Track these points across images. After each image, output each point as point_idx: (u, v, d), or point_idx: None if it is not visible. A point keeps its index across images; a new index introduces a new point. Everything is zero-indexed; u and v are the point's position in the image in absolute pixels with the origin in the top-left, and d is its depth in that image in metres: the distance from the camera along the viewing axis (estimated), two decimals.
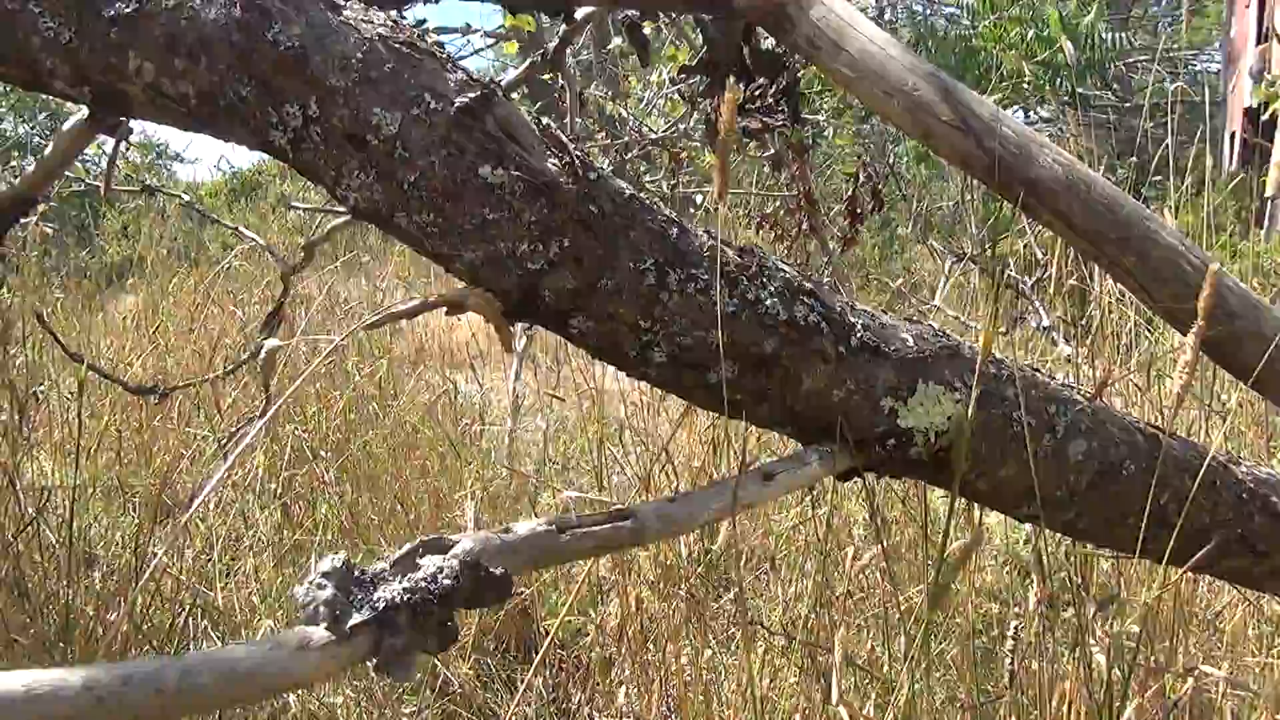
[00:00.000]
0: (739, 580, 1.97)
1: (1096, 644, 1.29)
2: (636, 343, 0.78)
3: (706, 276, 0.77)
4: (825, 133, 3.32)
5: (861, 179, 2.57)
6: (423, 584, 0.49)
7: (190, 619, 2.11)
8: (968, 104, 1.17)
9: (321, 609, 0.46)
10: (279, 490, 2.38)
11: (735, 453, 2.30)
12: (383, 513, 2.62)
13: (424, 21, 0.78)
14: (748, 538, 2.36)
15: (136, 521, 2.64)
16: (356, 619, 0.47)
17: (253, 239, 2.14)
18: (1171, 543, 0.89)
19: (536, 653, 2.36)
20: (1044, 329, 3.07)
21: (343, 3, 0.73)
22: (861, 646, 1.99)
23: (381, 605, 0.47)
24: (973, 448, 0.85)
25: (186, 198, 2.25)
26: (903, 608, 2.04)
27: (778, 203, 3.30)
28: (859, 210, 2.61)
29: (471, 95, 0.72)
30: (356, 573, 0.48)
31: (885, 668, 1.95)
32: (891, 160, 4.65)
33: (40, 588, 2.02)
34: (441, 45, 0.74)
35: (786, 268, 0.82)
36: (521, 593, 2.32)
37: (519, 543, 0.57)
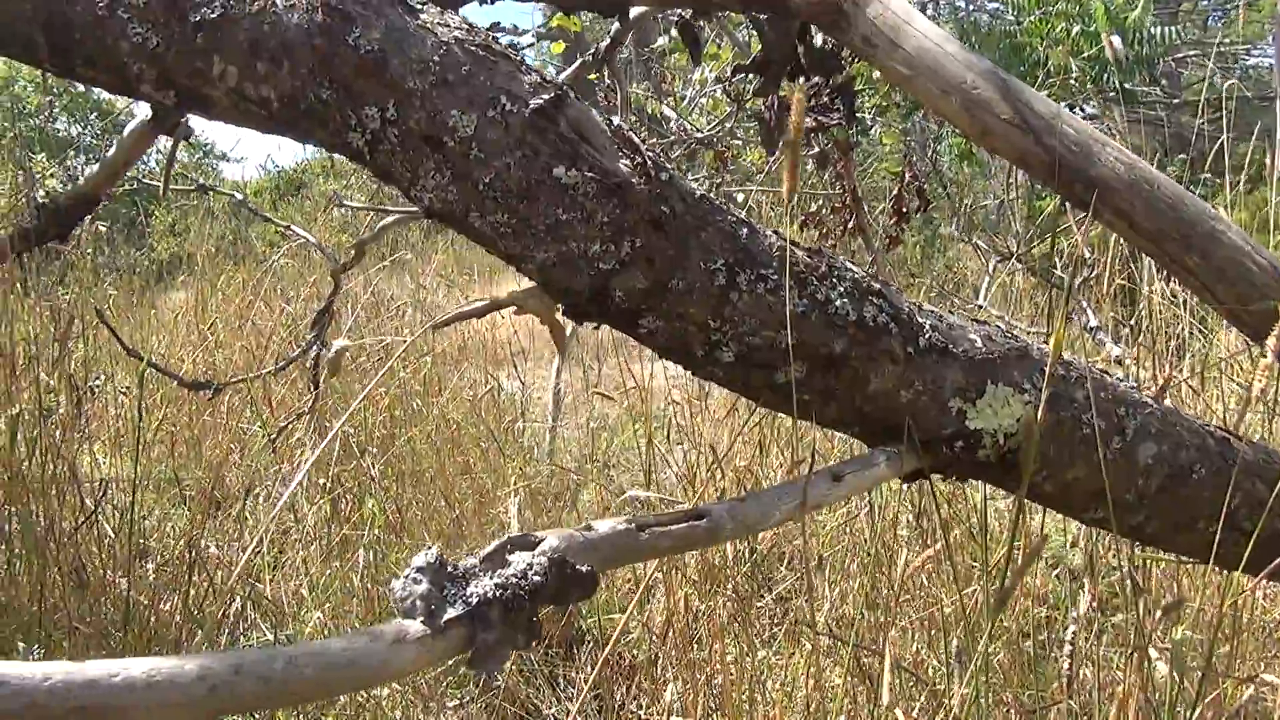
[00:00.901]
0: (809, 575, 1.97)
1: (1157, 650, 1.27)
2: (705, 343, 0.78)
3: (776, 277, 0.77)
4: (871, 130, 3.30)
5: (907, 178, 2.55)
6: (513, 580, 0.50)
7: (243, 610, 2.15)
8: (1027, 102, 1.16)
9: (418, 603, 0.47)
10: (328, 485, 2.41)
11: (781, 453, 2.30)
12: (428, 509, 2.65)
13: (498, 23, 0.79)
14: (793, 538, 2.36)
15: (188, 514, 2.70)
16: (451, 613, 0.48)
17: (304, 236, 2.18)
18: (1246, 549, 0.87)
19: (578, 649, 2.38)
20: (1091, 329, 3.02)
21: (419, 6, 0.74)
22: (906, 649, 1.98)
23: (475, 600, 0.48)
24: (1041, 450, 0.84)
25: (240, 196, 2.29)
26: (947, 611, 2.02)
27: (820, 201, 3.29)
28: (904, 209, 2.59)
29: (545, 97, 0.73)
30: (450, 568, 0.49)
31: (931, 671, 1.94)
32: (934, 158, 4.60)
33: (97, 578, 2.07)
34: (515, 48, 0.75)
35: (854, 268, 0.82)
36: None
37: (600, 540, 0.57)
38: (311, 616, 2.27)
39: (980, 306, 3.46)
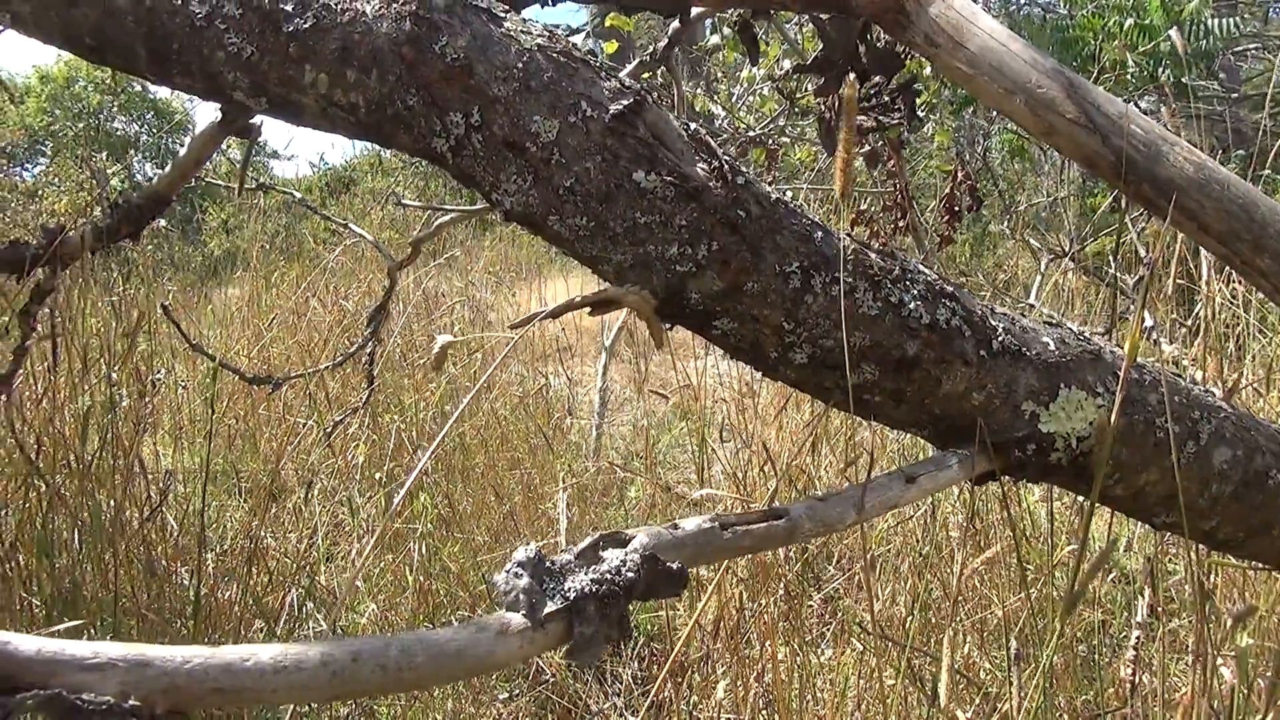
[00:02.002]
0: (867, 576, 1.97)
1: (1220, 658, 1.26)
2: (779, 344, 0.79)
3: (851, 279, 0.77)
4: (923, 127, 3.27)
5: (959, 176, 2.53)
6: (608, 576, 0.51)
7: (302, 601, 2.20)
8: (1094, 101, 1.15)
9: (520, 597, 0.49)
10: (384, 479, 2.46)
11: (832, 450, 2.30)
12: (478, 504, 2.68)
13: (579, 30, 0.80)
14: (843, 536, 2.35)
15: (245, 505, 2.77)
16: (550, 608, 0.49)
17: (361, 234, 2.22)
18: None
19: (626, 645, 2.40)
20: (1146, 329, 2.97)
21: (503, 15, 0.76)
22: (957, 650, 1.97)
23: (572, 595, 0.50)
24: (1114, 454, 0.84)
25: (299, 195, 2.35)
26: (999, 613, 2.01)
27: (868, 199, 3.27)
28: (957, 208, 2.57)
29: (625, 102, 0.74)
30: (548, 563, 0.51)
31: (982, 674, 1.93)
32: (984, 154, 4.55)
33: (162, 568, 2.13)
34: (595, 54, 0.76)
35: (927, 270, 0.82)
36: None
37: (687, 538, 0.59)
38: (366, 608, 2.32)
39: (1032, 305, 3.42)
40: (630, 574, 0.52)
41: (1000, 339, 0.82)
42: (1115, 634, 2.10)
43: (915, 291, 0.80)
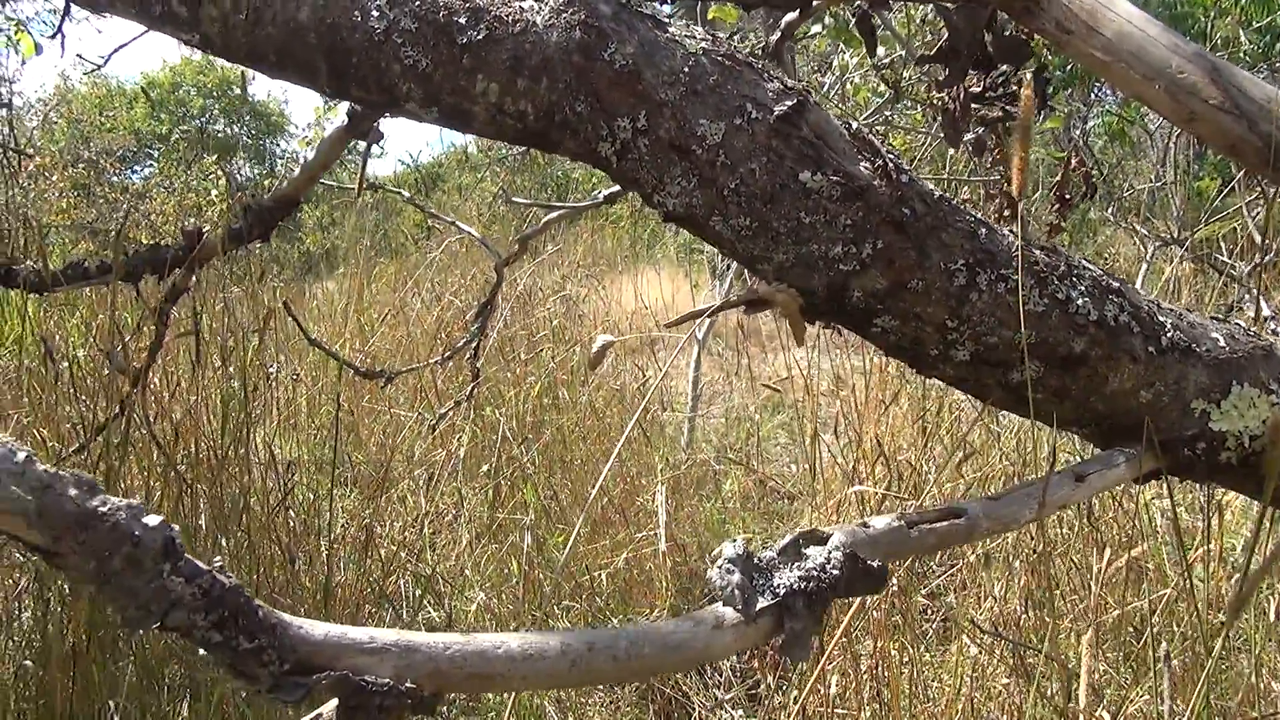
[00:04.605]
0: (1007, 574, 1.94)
1: None
2: (940, 342, 0.79)
3: (1016, 276, 0.77)
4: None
5: (1073, 163, 2.46)
6: (814, 572, 0.53)
7: (420, 589, 2.27)
8: (1239, 85, 1.11)
9: (735, 592, 0.51)
10: (491, 471, 2.52)
11: (944, 446, 2.26)
12: (577, 495, 2.72)
13: (740, 32, 0.81)
14: None
15: (353, 495, 2.87)
16: (762, 603, 0.51)
17: (469, 232, 2.27)
18: None
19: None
20: (1265, 319, 2.84)
21: (667, 20, 0.78)
22: (1071, 650, 1.93)
23: (782, 591, 0.51)
24: None
25: (406, 194, 2.42)
26: (1114, 613, 1.95)
27: (966, 188, 3.20)
28: (1069, 196, 2.50)
29: (789, 103, 0.75)
30: (755, 559, 0.53)
31: (1098, 675, 1.88)
32: (1084, 138, 4.40)
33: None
34: (758, 56, 0.77)
35: (1092, 266, 0.81)
36: None
37: (879, 536, 0.60)
38: (476, 595, 2.38)
39: None
40: (835, 571, 0.53)
41: (1169, 335, 0.80)
42: (1243, 635, 2.02)
43: (1082, 288, 0.79)
